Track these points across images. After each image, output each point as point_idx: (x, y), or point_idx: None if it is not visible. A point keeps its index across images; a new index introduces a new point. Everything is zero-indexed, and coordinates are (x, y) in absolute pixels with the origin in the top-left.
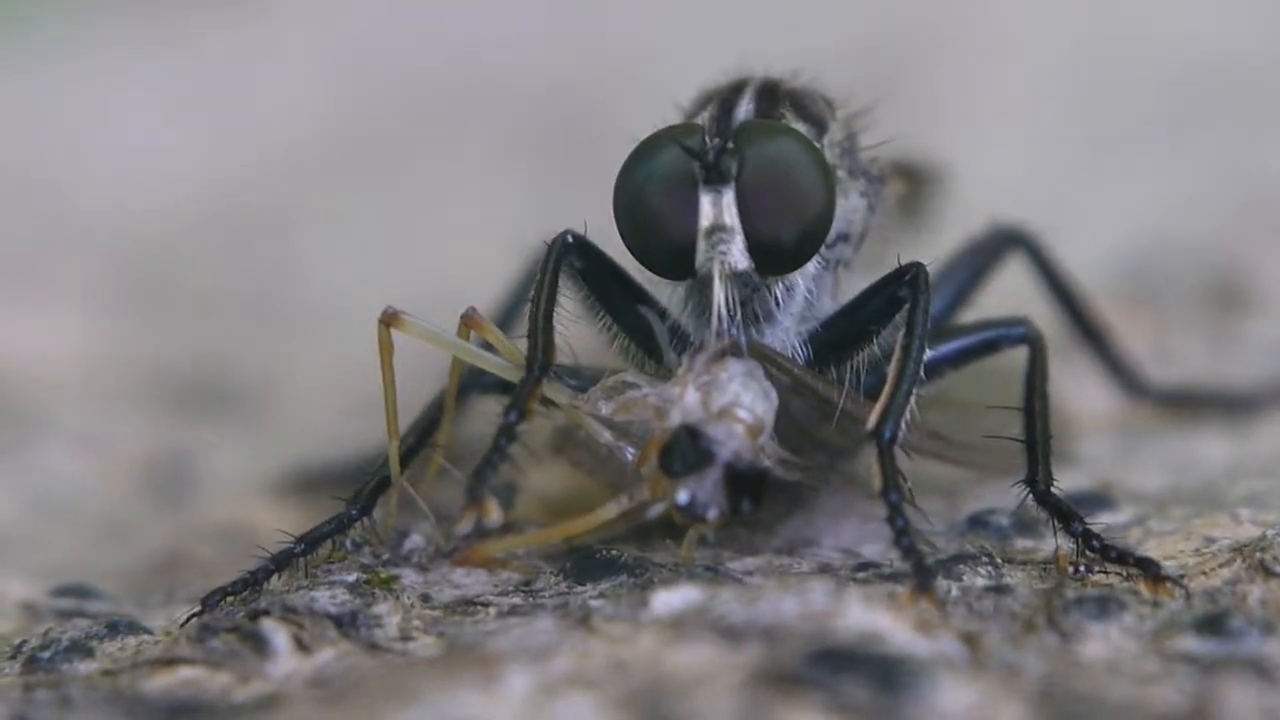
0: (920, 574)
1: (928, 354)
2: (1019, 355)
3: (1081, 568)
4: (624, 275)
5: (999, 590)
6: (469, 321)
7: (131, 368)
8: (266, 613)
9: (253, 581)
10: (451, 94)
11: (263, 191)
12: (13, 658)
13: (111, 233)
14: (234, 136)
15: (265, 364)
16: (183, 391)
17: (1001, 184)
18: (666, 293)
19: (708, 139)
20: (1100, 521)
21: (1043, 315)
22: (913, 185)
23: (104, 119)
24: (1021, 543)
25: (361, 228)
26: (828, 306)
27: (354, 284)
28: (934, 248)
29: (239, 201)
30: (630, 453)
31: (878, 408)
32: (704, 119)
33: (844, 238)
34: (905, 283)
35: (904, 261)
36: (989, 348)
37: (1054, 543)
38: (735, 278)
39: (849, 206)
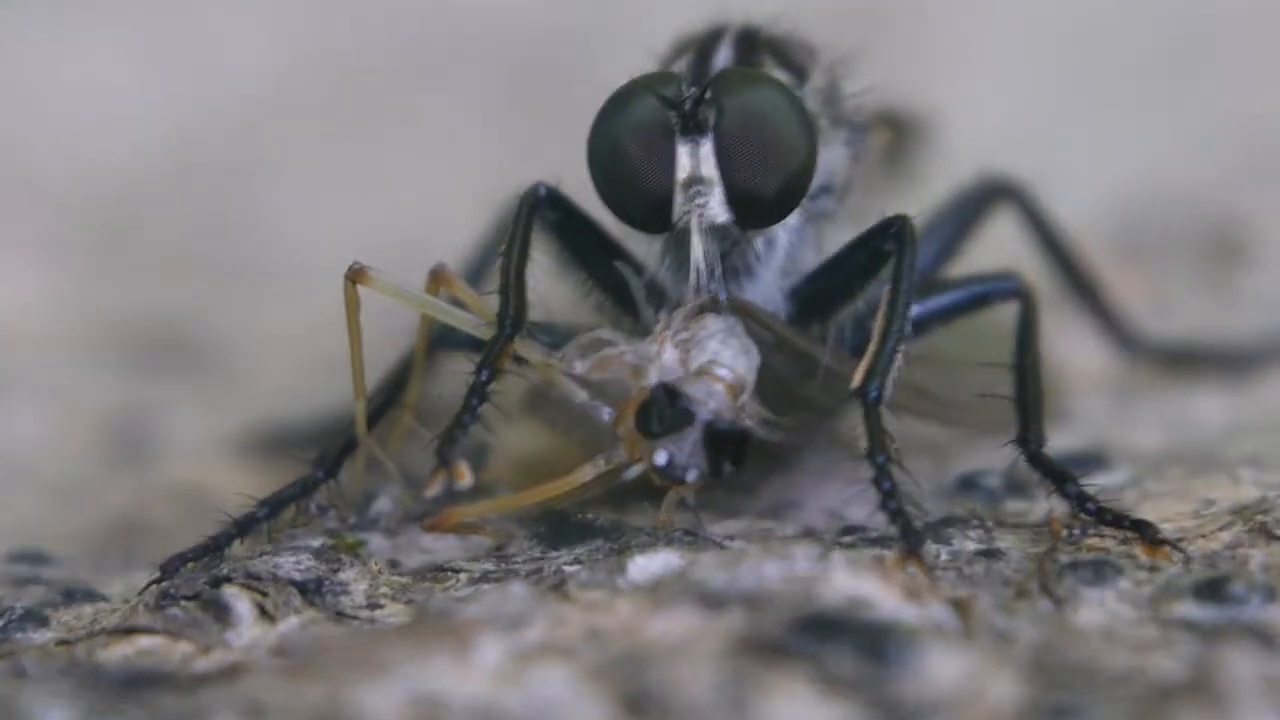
0: (908, 538)
1: (914, 309)
2: (1009, 310)
3: (1076, 531)
4: (599, 229)
5: (990, 554)
6: (438, 277)
7: (90, 323)
8: (228, 579)
9: (214, 547)
10: (425, 40)
11: (229, 140)
12: None
13: (69, 182)
14: (200, 82)
15: (229, 319)
16: (143, 347)
17: (991, 133)
18: (643, 247)
19: (684, 88)
20: (1095, 483)
21: (1034, 269)
22: (898, 135)
23: (61, 62)
24: (1013, 505)
25: (330, 178)
26: (810, 260)
27: (322, 236)
28: (921, 199)
29: (204, 150)
30: (606, 412)
31: (863, 365)
32: (681, 67)
33: (827, 189)
34: (890, 235)
35: (889, 214)
36: (978, 303)
37: (1047, 505)
38: (714, 231)
39: (832, 157)
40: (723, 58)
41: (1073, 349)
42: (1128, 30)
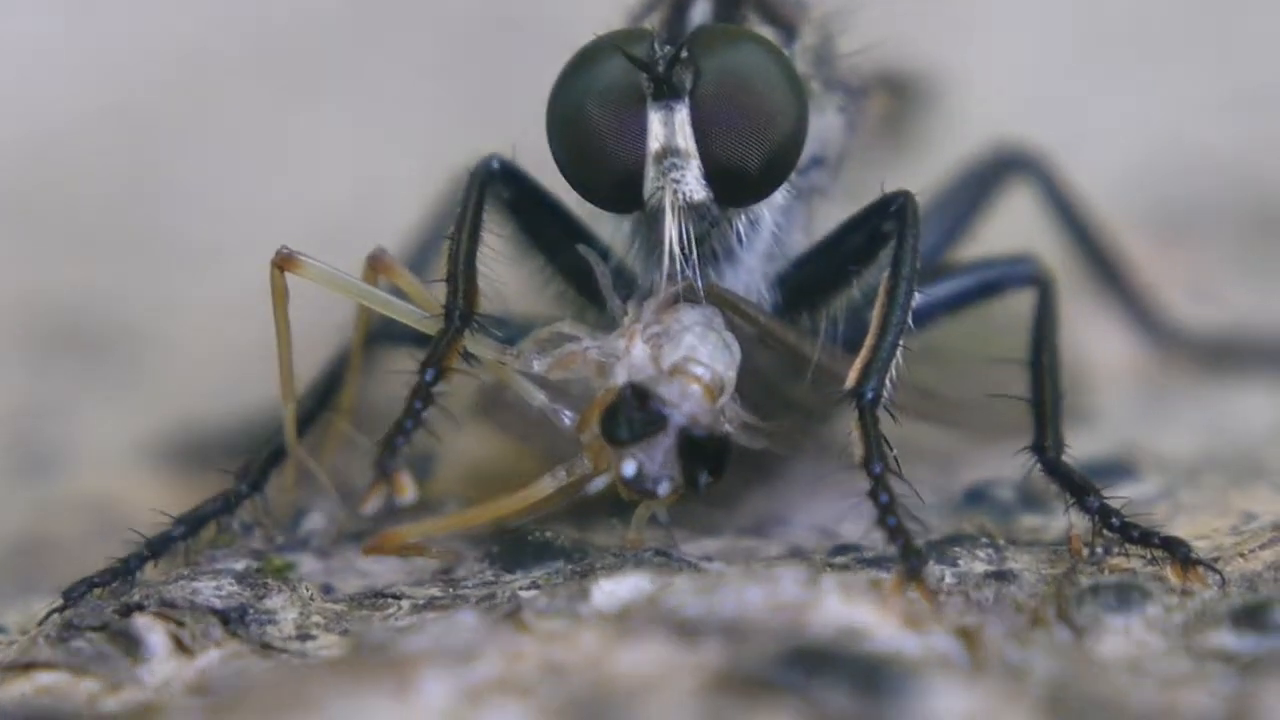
0: (908, 558)
1: (917, 298)
2: (1025, 299)
3: (1098, 549)
4: (560, 208)
5: (1001, 577)
6: (377, 264)
7: None
8: (140, 607)
9: (124, 570)
10: None
11: (151, 103)
12: None
13: None
14: (116, 34)
15: (143, 304)
16: (45, 336)
17: (1004, 95)
18: (610, 228)
19: (657, 46)
20: (1120, 495)
21: (1053, 251)
22: (899, 99)
23: None
24: (1028, 520)
25: (262, 147)
26: (800, 243)
27: (254, 211)
28: (925, 173)
29: (117, 112)
30: (568, 417)
31: (858, 362)
32: (653, 23)
33: (818, 162)
34: (890, 214)
35: (889, 190)
36: (990, 290)
37: (1065, 520)
38: (690, 210)
39: (824, 125)
40: (700, 12)
41: (1097, 341)
42: None
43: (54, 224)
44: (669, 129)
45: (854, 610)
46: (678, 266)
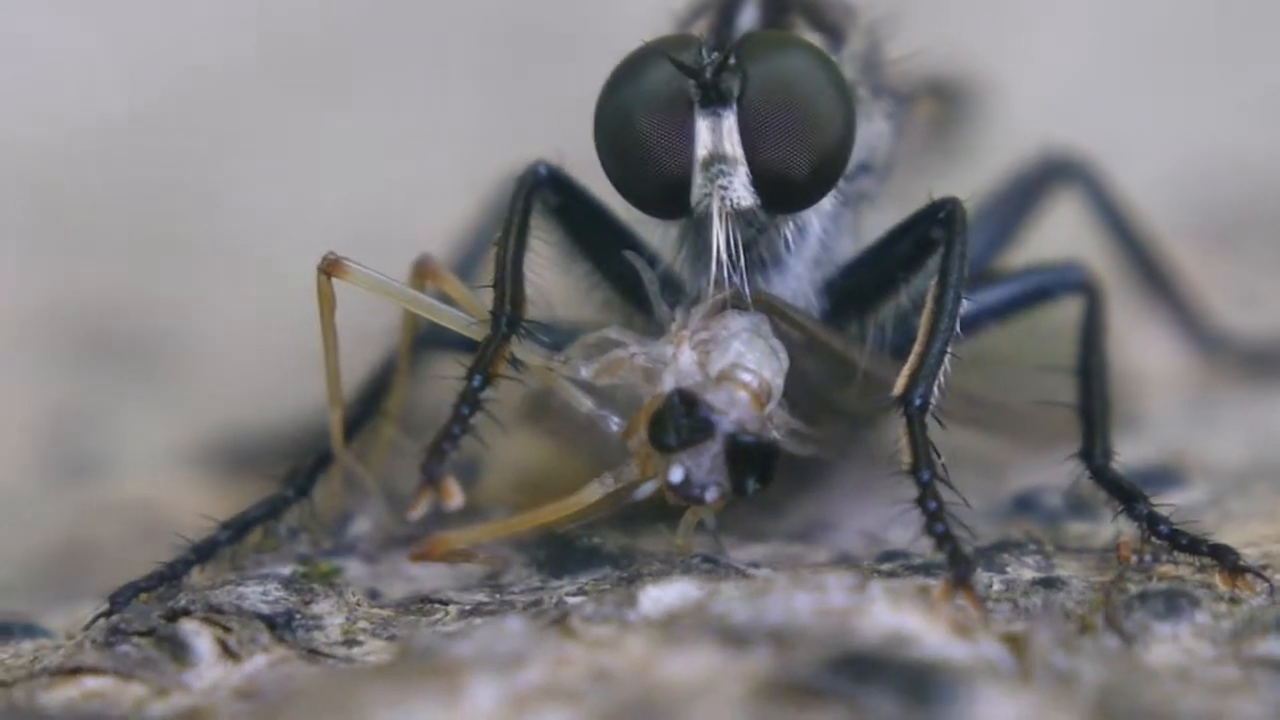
0: (956, 565)
1: (965, 305)
2: (1073, 306)
3: (1146, 557)
4: (607, 214)
5: (1049, 584)
6: (424, 269)
7: (26, 312)
8: (187, 612)
9: (170, 575)
10: None
11: (189, 106)
12: None
13: (4, 149)
14: (157, 40)
15: (186, 307)
16: (88, 341)
17: (1049, 98)
18: (657, 234)
19: (705, 53)
20: (1168, 502)
21: (1101, 257)
22: (947, 105)
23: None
24: (1076, 527)
25: (302, 149)
26: (847, 250)
27: (293, 215)
28: (973, 179)
29: (161, 117)
30: (615, 423)
31: (906, 369)
32: (701, 29)
33: (866, 168)
34: (938, 221)
35: (937, 196)
36: (1038, 297)
37: (1114, 527)
38: (738, 216)
39: (872, 131)
40: (748, 18)
41: (1145, 348)
42: None
43: (91, 228)
44: (716, 135)
45: (902, 617)
46: (725, 273)
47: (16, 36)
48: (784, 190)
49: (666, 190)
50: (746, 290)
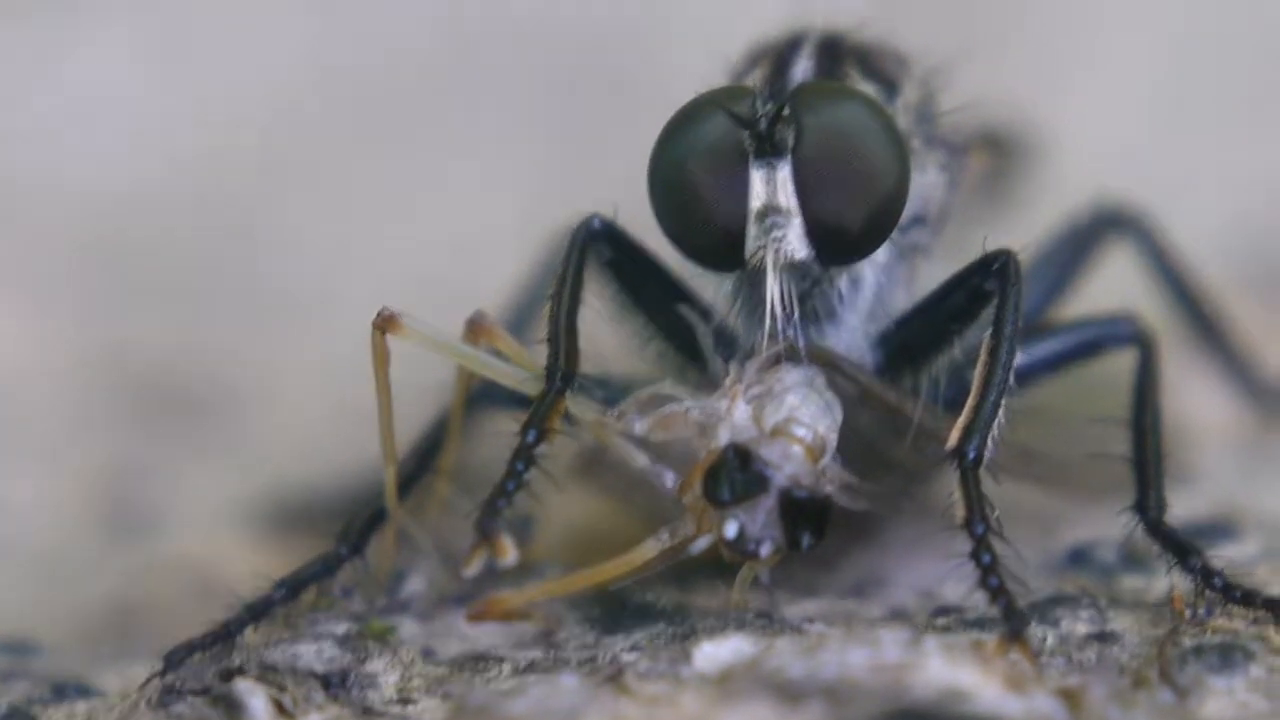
0: (1011, 619)
1: (1019, 358)
2: (1126, 358)
3: (1201, 610)
4: (661, 267)
5: (1103, 638)
6: (477, 327)
7: (79, 366)
8: (241, 671)
9: (224, 634)
10: (465, 42)
11: (244, 156)
12: None
13: (57, 200)
14: (212, 92)
15: (241, 361)
16: (141, 395)
17: (1109, 150)
18: (711, 287)
19: (759, 104)
20: (1222, 555)
21: (1154, 309)
22: (1000, 156)
23: (49, 65)
24: (1130, 581)
25: (357, 200)
26: (901, 302)
27: (353, 264)
28: (1026, 230)
29: (214, 167)
30: (670, 478)
31: (960, 422)
32: (755, 80)
33: (920, 220)
34: (992, 273)
35: (991, 248)
36: (1091, 349)
37: (1168, 581)
38: (792, 268)
39: (926, 183)
40: (802, 69)
41: (1198, 400)
42: (1255, 33)
43: (151, 278)
44: (771, 187)
45: (957, 672)
46: (779, 326)
47: (71, 90)
48: (838, 242)
49: (721, 242)
50: (801, 343)
